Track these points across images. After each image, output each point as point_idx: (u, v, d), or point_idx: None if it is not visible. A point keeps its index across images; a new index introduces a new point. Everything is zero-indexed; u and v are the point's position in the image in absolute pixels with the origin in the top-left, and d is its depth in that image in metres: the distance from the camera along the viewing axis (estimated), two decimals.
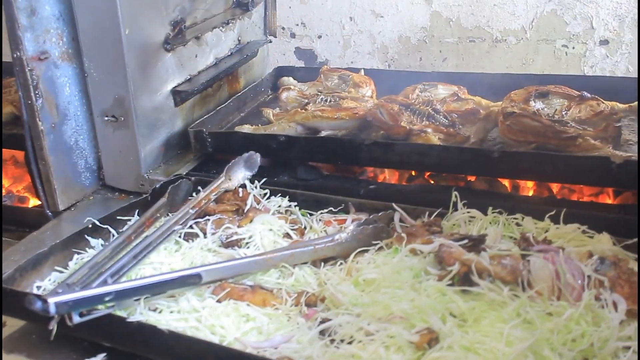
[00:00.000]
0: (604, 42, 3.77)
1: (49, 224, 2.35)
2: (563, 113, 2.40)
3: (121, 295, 1.65)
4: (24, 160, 2.41)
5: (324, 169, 2.54)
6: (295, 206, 2.20)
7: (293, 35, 4.40)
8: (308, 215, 2.16)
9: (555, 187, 2.37)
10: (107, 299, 1.62)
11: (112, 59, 2.35)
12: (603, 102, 2.42)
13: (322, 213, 2.17)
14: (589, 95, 2.45)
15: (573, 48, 3.83)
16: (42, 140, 2.31)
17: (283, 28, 4.37)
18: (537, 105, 2.42)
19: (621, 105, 2.49)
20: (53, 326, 1.61)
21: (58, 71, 2.34)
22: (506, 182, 2.40)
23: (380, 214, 2.03)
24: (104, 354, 1.70)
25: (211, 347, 1.57)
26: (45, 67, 2.29)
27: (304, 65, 4.24)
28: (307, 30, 4.36)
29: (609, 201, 2.28)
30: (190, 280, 1.73)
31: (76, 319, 1.60)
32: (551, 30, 3.84)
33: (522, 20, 3.85)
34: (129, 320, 1.63)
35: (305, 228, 2.10)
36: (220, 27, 2.85)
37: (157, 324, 1.63)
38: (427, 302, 1.60)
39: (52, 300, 1.55)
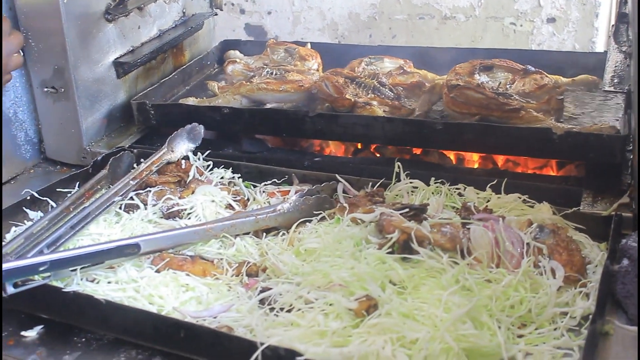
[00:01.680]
0: (551, 20, 3.80)
1: None
2: (507, 86, 2.41)
3: (56, 265, 1.62)
4: None
5: (269, 142, 2.53)
6: (238, 178, 2.18)
7: (243, 12, 4.36)
8: (251, 187, 2.15)
9: (500, 160, 2.39)
10: (41, 269, 1.59)
11: (51, 28, 2.30)
12: (547, 76, 2.44)
13: (265, 185, 2.16)
14: (532, 69, 2.46)
15: (521, 26, 3.86)
16: None
17: (232, 4, 4.33)
18: (481, 78, 2.42)
19: (564, 79, 2.52)
20: None
21: None
22: (452, 156, 2.41)
23: (323, 185, 2.03)
24: (41, 326, 1.67)
25: (148, 316, 1.55)
26: None
27: (250, 39, 4.20)
28: (257, 6, 4.32)
29: (552, 174, 2.30)
30: (128, 251, 1.70)
31: (10, 290, 1.57)
32: (499, 7, 3.86)
33: None
34: (65, 290, 1.61)
35: (248, 199, 2.09)
36: None
37: (94, 294, 1.60)
38: (367, 270, 1.60)
39: None
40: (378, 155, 2.45)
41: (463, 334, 1.43)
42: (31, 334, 1.66)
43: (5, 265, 1.55)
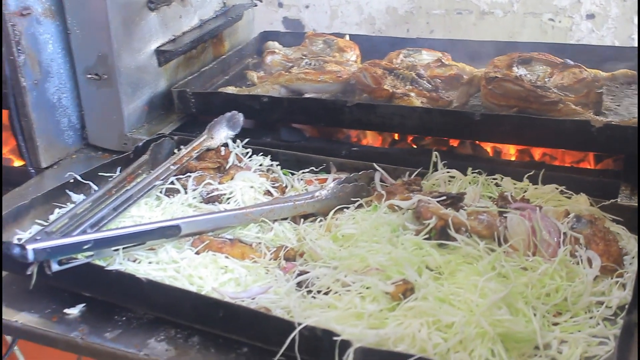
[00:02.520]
0: (590, 16, 3.77)
1: (31, 180, 2.36)
2: (545, 80, 2.41)
3: (100, 244, 1.66)
4: (8, 120, 2.41)
5: (307, 132, 2.55)
6: (277, 165, 2.20)
7: (280, 5, 4.38)
8: (290, 175, 2.17)
9: (537, 154, 2.39)
10: (85, 247, 1.63)
11: (96, 16, 2.34)
12: (586, 70, 2.43)
13: (303, 172, 2.18)
14: (571, 62, 2.46)
15: (559, 22, 3.84)
16: (24, 97, 2.30)
17: None
18: (519, 71, 2.43)
19: (603, 74, 2.51)
20: (32, 271, 1.61)
21: (41, 27, 2.33)
22: (489, 149, 2.42)
23: (360, 173, 2.05)
24: (83, 305, 1.72)
25: (188, 295, 1.58)
26: (28, 23, 2.28)
27: (289, 31, 4.22)
28: (295, 0, 4.34)
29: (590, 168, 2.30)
30: (169, 232, 1.74)
31: (55, 267, 1.61)
32: (538, 3, 3.84)
33: None
34: (107, 268, 1.65)
35: (286, 187, 2.11)
36: None
37: (136, 273, 1.64)
38: (404, 255, 1.62)
39: (30, 247, 1.55)
40: (415, 146, 2.47)
41: (498, 319, 1.44)
42: (74, 311, 1.70)
43: (51, 242, 1.59)
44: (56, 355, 1.91)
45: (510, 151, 2.42)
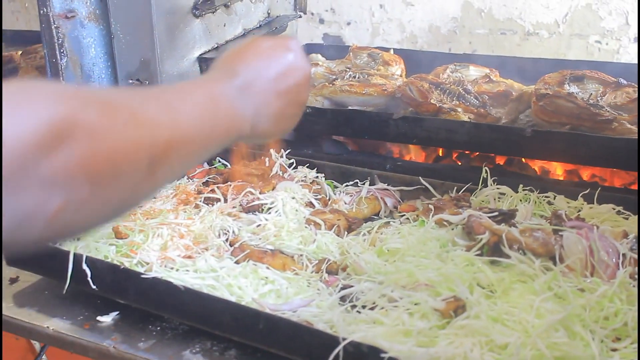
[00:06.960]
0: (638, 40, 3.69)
1: None
2: (598, 98, 2.33)
3: None
4: None
5: (349, 145, 2.49)
6: (322, 177, 2.14)
7: (322, 21, 4.34)
8: (333, 187, 2.10)
9: (585, 176, 2.31)
10: None
11: (140, 21, 2.29)
12: None
13: (347, 185, 2.11)
14: (625, 82, 2.38)
15: (607, 44, 3.75)
16: None
17: (312, 13, 4.31)
18: (571, 89, 2.35)
19: None
20: None
21: (84, 31, 2.29)
22: (536, 168, 2.34)
23: None
24: (117, 312, 1.67)
25: (228, 305, 1.51)
26: (72, 26, 2.25)
27: (333, 44, 4.17)
28: (336, 17, 4.30)
29: None
30: None
31: None
32: (585, 25, 3.76)
33: (555, 14, 3.77)
34: (144, 276, 1.59)
35: (329, 199, 2.04)
36: None
37: (173, 281, 1.57)
38: (454, 271, 1.54)
39: None
40: (460, 163, 2.39)
41: (555, 342, 1.36)
42: (107, 319, 1.66)
43: None
44: None
45: (558, 171, 2.34)
